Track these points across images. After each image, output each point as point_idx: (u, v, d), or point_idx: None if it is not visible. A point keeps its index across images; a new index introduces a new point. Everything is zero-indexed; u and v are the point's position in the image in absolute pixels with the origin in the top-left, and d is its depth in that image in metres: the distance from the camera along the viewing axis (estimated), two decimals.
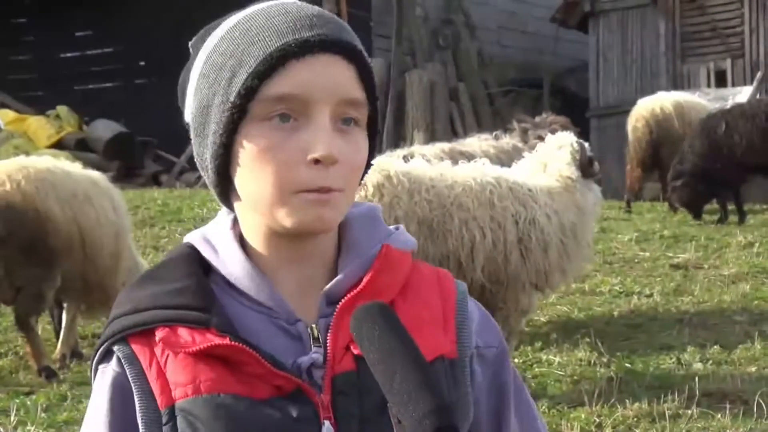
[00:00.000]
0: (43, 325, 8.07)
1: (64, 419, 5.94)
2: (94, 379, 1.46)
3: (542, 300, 8.21)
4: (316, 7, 1.44)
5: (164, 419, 1.37)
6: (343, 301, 1.42)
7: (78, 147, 18.61)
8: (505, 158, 8.69)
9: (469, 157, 9.49)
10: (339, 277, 1.46)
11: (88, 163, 16.76)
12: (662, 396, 6.13)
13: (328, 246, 1.48)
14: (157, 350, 1.39)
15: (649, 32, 19.39)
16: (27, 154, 17.56)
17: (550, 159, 6.77)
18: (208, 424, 1.35)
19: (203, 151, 1.44)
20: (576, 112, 19.21)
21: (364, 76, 1.41)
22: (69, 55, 24.19)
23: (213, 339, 1.36)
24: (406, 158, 7.19)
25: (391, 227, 1.55)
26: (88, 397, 5.76)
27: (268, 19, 1.39)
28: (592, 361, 6.93)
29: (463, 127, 18.20)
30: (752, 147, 12.25)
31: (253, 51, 1.37)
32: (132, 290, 1.47)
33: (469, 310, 1.54)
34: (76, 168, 7.58)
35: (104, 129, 19.18)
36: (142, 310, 1.41)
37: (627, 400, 6.11)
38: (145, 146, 19.54)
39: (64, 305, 7.62)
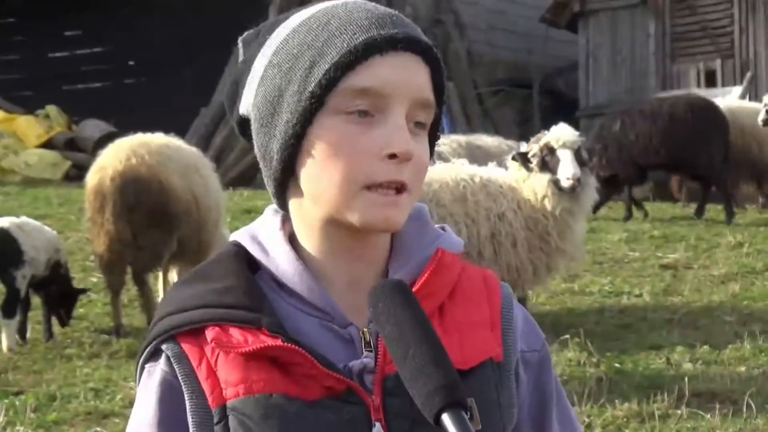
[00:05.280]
0: (32, 325, 8.06)
1: (54, 419, 5.92)
2: (140, 378, 1.44)
3: (532, 300, 8.22)
4: (392, 9, 1.45)
5: (215, 418, 1.36)
6: None
7: (67, 147, 18.60)
8: None
9: (485, 151, 9.54)
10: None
11: (77, 163, 16.89)
12: (652, 396, 6.13)
13: (381, 246, 1.48)
14: (207, 349, 1.38)
15: (638, 32, 19.43)
16: (16, 153, 17.74)
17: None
18: (260, 424, 1.34)
19: (269, 142, 1.42)
20: (565, 112, 19.27)
21: (437, 79, 1.42)
22: (58, 54, 24.17)
23: (265, 340, 1.35)
24: None
25: (438, 227, 1.55)
26: (77, 397, 5.73)
27: (349, 14, 1.40)
28: (582, 361, 6.93)
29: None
30: (648, 146, 12.37)
31: (336, 43, 1.37)
32: (181, 288, 1.47)
33: (514, 312, 1.55)
34: (181, 143, 8.30)
35: (93, 129, 19.17)
36: (189, 309, 1.40)
37: (616, 401, 6.11)
38: None
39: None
